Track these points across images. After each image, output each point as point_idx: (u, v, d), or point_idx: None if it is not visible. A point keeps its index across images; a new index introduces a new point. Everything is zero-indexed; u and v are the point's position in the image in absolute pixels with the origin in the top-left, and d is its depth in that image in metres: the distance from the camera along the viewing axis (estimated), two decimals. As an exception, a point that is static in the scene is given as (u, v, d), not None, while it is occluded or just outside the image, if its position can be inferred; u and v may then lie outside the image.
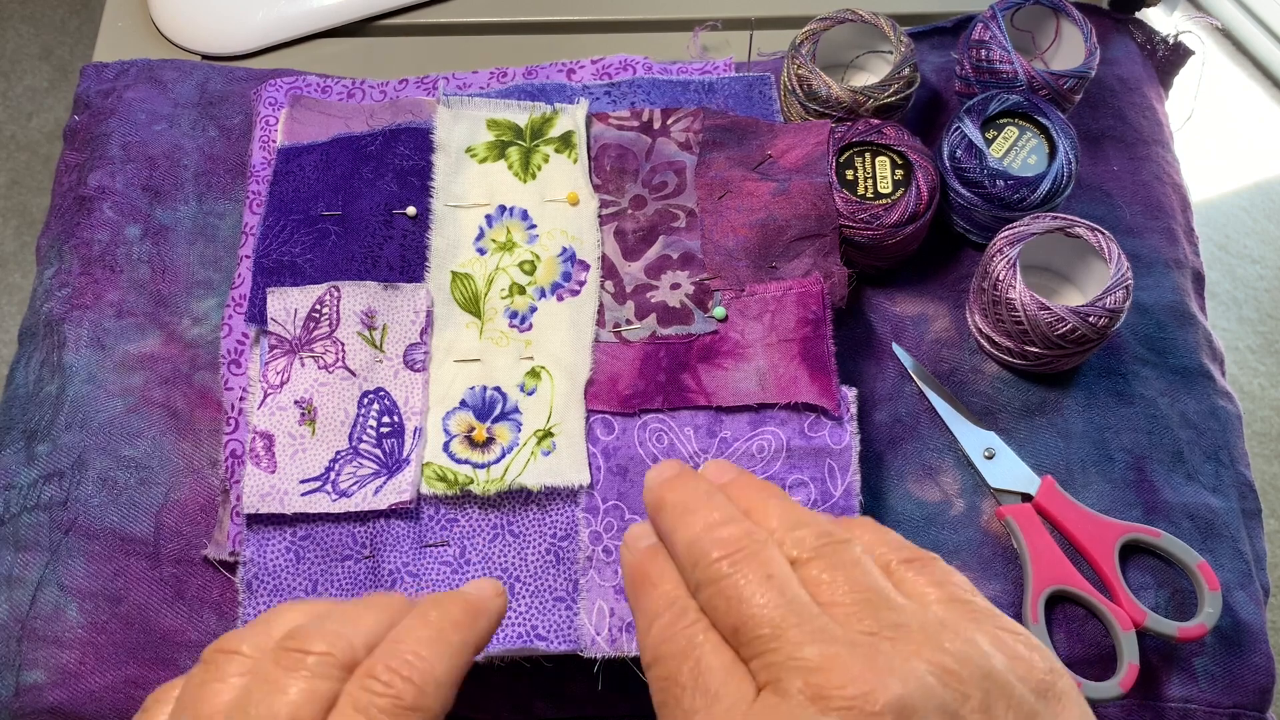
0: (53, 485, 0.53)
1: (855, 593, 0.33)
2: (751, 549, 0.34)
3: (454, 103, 0.59)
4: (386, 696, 0.32)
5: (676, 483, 0.38)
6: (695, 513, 0.36)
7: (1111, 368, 0.57)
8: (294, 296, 0.53)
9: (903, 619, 0.32)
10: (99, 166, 0.60)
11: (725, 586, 0.33)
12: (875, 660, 0.30)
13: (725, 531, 0.35)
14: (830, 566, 0.34)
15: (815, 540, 0.35)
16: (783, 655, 0.31)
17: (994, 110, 0.57)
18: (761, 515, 0.36)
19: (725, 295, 0.54)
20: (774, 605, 0.32)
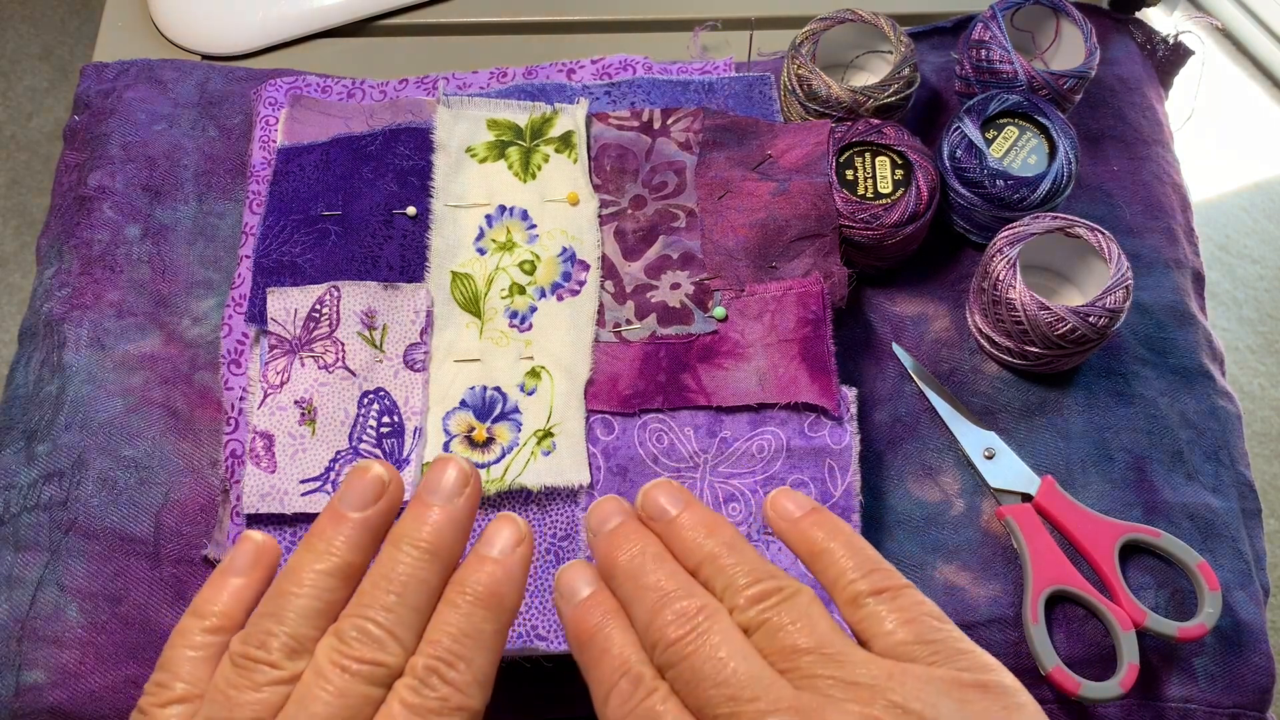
0: (53, 485, 0.53)
1: (808, 654, 0.34)
2: (704, 626, 0.34)
3: (454, 103, 0.59)
4: (434, 699, 0.32)
5: (624, 542, 0.37)
6: (649, 588, 0.35)
7: (1111, 368, 0.57)
8: (294, 296, 0.53)
9: (854, 674, 0.33)
10: (99, 166, 0.60)
11: (685, 669, 0.34)
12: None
13: (679, 606, 0.35)
14: (783, 630, 0.34)
15: (766, 601, 0.35)
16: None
17: (994, 110, 0.57)
18: (714, 568, 0.36)
19: (725, 295, 0.54)
20: (730, 683, 0.33)
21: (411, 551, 0.35)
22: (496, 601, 0.35)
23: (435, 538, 0.35)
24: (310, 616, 0.34)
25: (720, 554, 0.36)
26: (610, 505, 0.39)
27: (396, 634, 0.33)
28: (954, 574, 0.52)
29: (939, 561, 0.52)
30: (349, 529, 0.35)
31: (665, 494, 0.38)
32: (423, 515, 0.36)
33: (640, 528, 0.38)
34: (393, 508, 0.37)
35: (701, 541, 0.37)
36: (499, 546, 0.36)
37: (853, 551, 0.37)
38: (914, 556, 0.52)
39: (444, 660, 0.33)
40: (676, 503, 0.38)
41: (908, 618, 0.35)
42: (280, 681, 0.33)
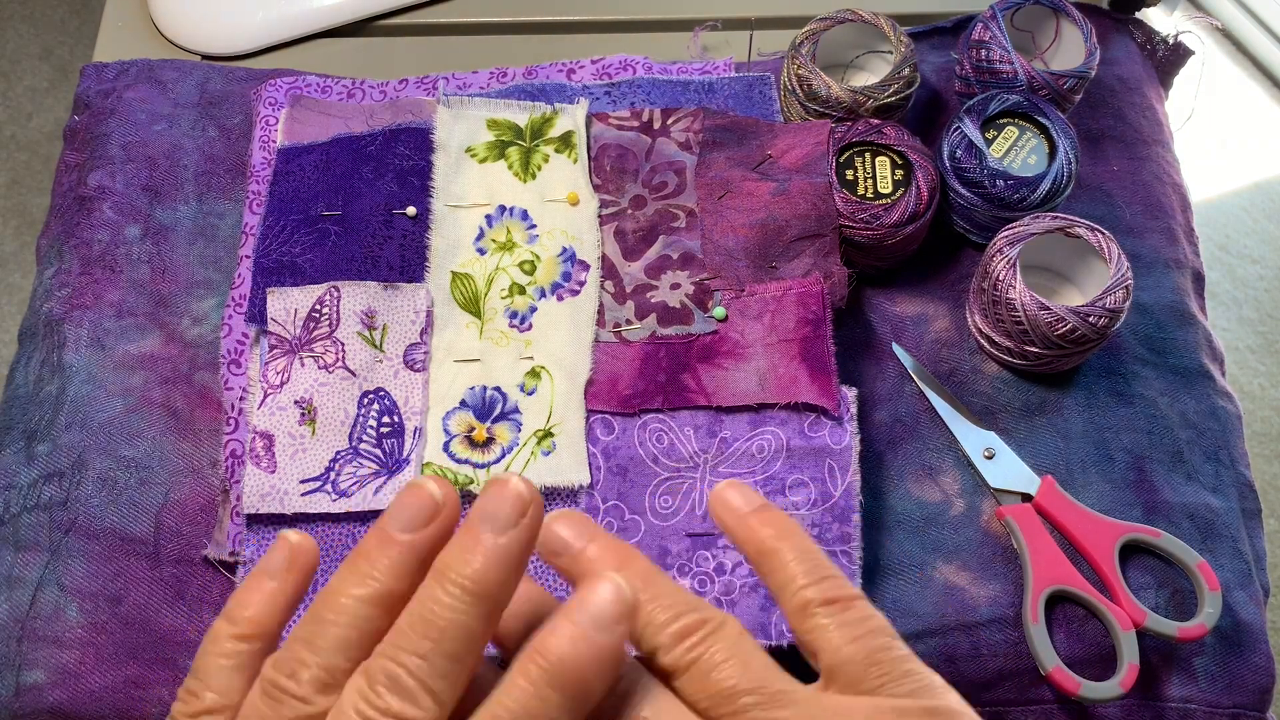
0: (53, 485, 0.53)
1: (746, 695, 0.31)
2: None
3: (454, 103, 0.59)
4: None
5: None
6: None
7: (1111, 368, 0.57)
8: (294, 296, 0.53)
9: (795, 714, 0.31)
10: (99, 166, 0.60)
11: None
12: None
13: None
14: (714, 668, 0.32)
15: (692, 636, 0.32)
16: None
17: (994, 110, 0.57)
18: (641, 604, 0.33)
19: (725, 295, 0.54)
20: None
21: (454, 592, 0.30)
22: (579, 687, 0.29)
23: (482, 577, 0.30)
24: (345, 648, 0.31)
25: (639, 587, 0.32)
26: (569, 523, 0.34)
27: (430, 686, 0.30)
28: (954, 574, 0.52)
29: (939, 561, 0.52)
30: (395, 553, 0.32)
31: (568, 526, 0.34)
32: (471, 548, 0.30)
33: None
34: (446, 532, 0.32)
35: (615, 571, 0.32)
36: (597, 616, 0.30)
37: (803, 555, 0.34)
38: (914, 556, 0.52)
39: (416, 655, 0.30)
40: (581, 536, 0.34)
41: (856, 634, 0.33)
42: (308, 717, 0.31)
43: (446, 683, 0.30)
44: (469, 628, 0.30)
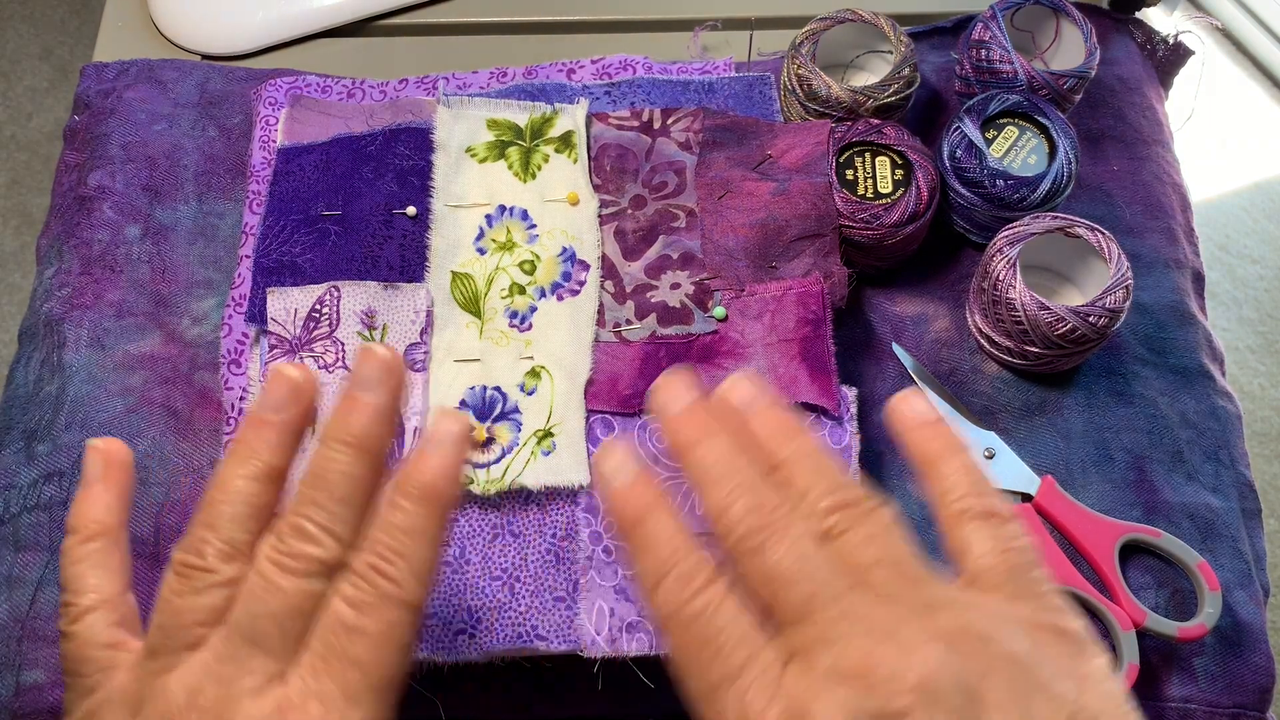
0: (53, 485, 0.53)
1: (885, 567, 0.33)
2: (780, 525, 0.34)
3: (454, 103, 0.59)
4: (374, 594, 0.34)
5: (700, 425, 0.36)
6: (723, 477, 0.35)
7: (1111, 368, 0.57)
8: (294, 296, 0.53)
9: (929, 596, 0.33)
10: (99, 166, 0.60)
11: (757, 564, 0.33)
12: (900, 639, 0.31)
13: (754, 500, 0.34)
14: (863, 540, 0.34)
15: (847, 510, 0.34)
16: (814, 632, 0.32)
17: (994, 110, 0.57)
18: (792, 469, 0.36)
19: (725, 295, 0.54)
20: (805, 583, 0.33)
21: (340, 449, 0.36)
22: (435, 498, 0.36)
23: (363, 433, 0.36)
24: (241, 521, 0.36)
25: (803, 458, 0.36)
26: (679, 382, 0.38)
27: (331, 529, 0.35)
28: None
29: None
30: (269, 433, 0.37)
31: (752, 386, 0.38)
32: (349, 411, 0.36)
33: (710, 417, 0.37)
34: (309, 406, 0.38)
35: (783, 442, 0.36)
36: (440, 446, 0.37)
37: (966, 470, 0.37)
38: (914, 556, 0.52)
39: (384, 558, 0.35)
40: (762, 397, 0.38)
41: (1003, 548, 0.35)
42: (219, 585, 0.35)
43: (344, 525, 0.35)
44: (357, 476, 0.36)
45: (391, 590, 0.34)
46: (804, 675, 0.32)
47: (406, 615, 0.35)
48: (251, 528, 0.36)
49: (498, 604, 0.48)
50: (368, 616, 0.34)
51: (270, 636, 0.34)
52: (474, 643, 0.47)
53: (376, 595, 0.34)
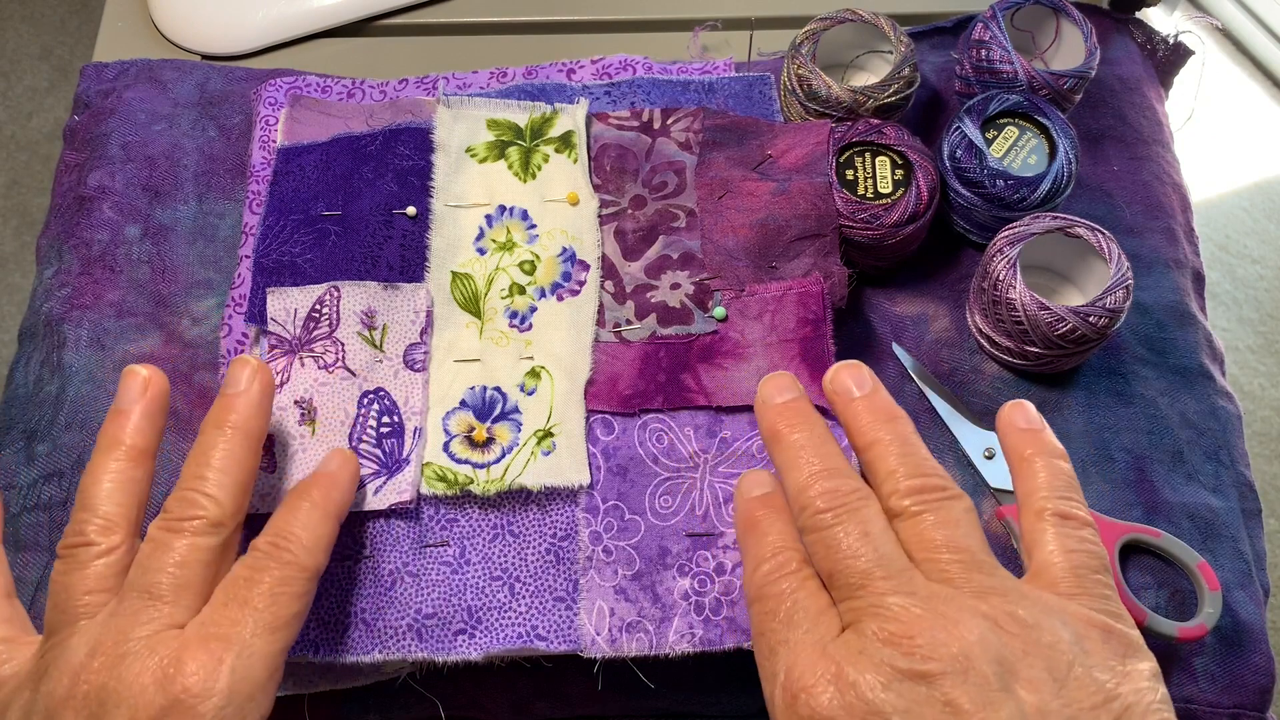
0: (53, 485, 0.53)
1: (950, 552, 0.36)
2: (854, 505, 0.37)
3: (454, 103, 0.59)
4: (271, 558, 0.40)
5: (795, 419, 0.41)
6: (806, 461, 0.39)
7: (1111, 368, 0.57)
8: (294, 296, 0.53)
9: (989, 581, 0.36)
10: (99, 166, 0.60)
11: (825, 536, 0.37)
12: (946, 614, 0.34)
13: (832, 484, 0.38)
14: (933, 524, 0.37)
15: (925, 494, 0.38)
16: (866, 602, 0.35)
17: (994, 110, 0.57)
18: (881, 451, 0.39)
19: (725, 295, 0.54)
20: (866, 558, 0.36)
21: (222, 432, 0.42)
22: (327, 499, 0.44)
23: (240, 418, 0.43)
24: (114, 496, 0.41)
25: (891, 442, 0.39)
26: (785, 379, 0.43)
27: (213, 495, 0.41)
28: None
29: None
30: (127, 420, 0.42)
31: (852, 376, 0.42)
32: (227, 404, 0.43)
33: (811, 409, 0.42)
34: (160, 393, 0.43)
35: (877, 427, 0.40)
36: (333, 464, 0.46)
37: (1054, 474, 0.40)
38: (914, 556, 0.52)
39: (281, 536, 0.41)
40: (862, 385, 0.42)
41: (1072, 548, 0.37)
42: (103, 554, 0.40)
43: (224, 491, 0.41)
44: (236, 454, 0.42)
45: (287, 556, 0.40)
46: (850, 640, 0.35)
47: (300, 574, 0.40)
48: (124, 501, 0.41)
49: (498, 604, 0.48)
50: (264, 573, 0.40)
51: (163, 586, 0.38)
52: (474, 643, 0.47)
53: (273, 560, 0.40)
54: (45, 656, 0.38)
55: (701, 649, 0.47)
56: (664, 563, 0.48)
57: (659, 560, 0.48)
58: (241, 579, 0.40)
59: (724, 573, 0.48)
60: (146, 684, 0.36)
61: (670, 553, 0.49)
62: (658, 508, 0.50)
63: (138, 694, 0.36)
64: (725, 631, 0.47)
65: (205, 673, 0.36)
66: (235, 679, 0.37)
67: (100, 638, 0.37)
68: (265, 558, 0.40)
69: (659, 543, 0.49)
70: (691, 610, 0.48)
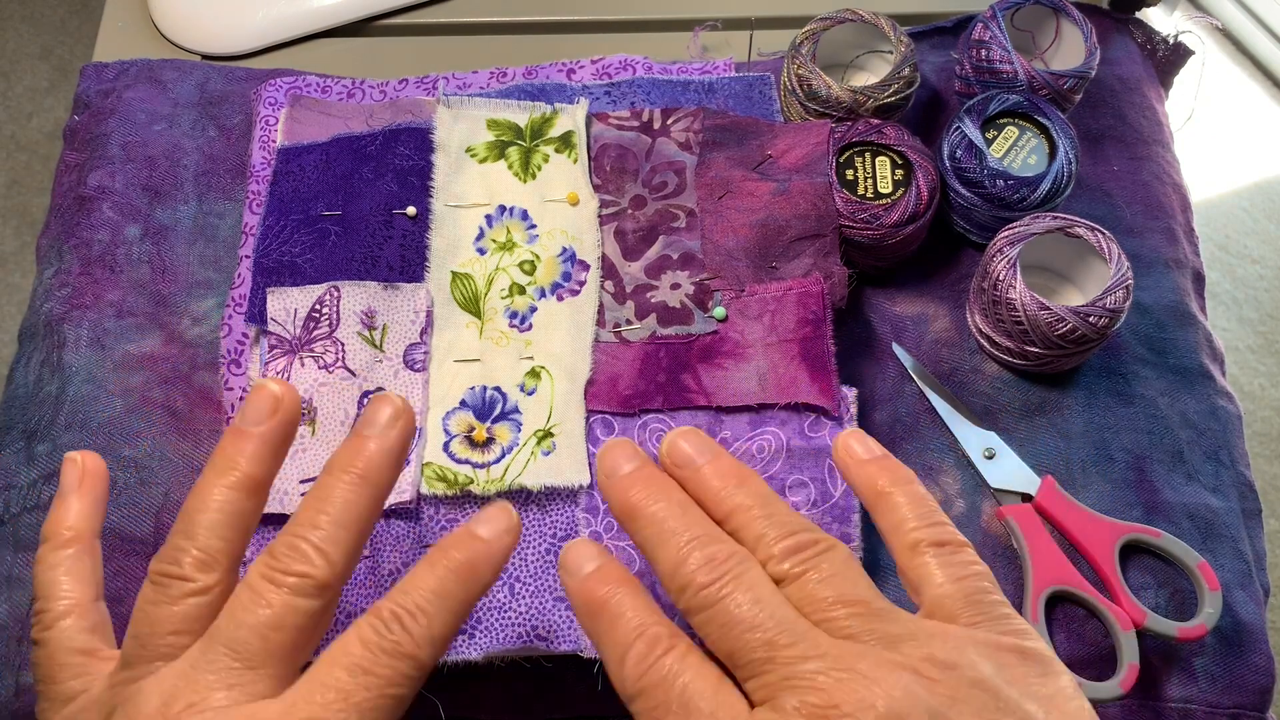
0: (52, 485, 0.53)
1: (845, 606, 0.34)
2: (737, 571, 0.34)
3: (454, 103, 0.59)
4: (389, 640, 0.34)
5: (648, 488, 0.37)
6: (674, 532, 0.35)
7: (1111, 368, 0.57)
8: (294, 296, 0.53)
9: (894, 629, 0.33)
10: (99, 166, 0.60)
11: (716, 613, 0.34)
12: (865, 673, 0.31)
13: (708, 551, 0.35)
14: (818, 581, 0.34)
15: (801, 554, 0.35)
16: (778, 675, 0.32)
17: (994, 110, 0.57)
18: (743, 518, 0.36)
19: (725, 295, 0.54)
20: (765, 628, 0.33)
21: (344, 478, 0.37)
22: (473, 574, 0.36)
23: (368, 466, 0.37)
24: (218, 529, 0.36)
25: (752, 505, 0.36)
26: (624, 450, 0.38)
27: (324, 550, 0.35)
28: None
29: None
30: (250, 444, 0.38)
31: (691, 443, 0.38)
32: (358, 447, 0.37)
33: (659, 473, 0.38)
34: (290, 420, 0.39)
35: (731, 492, 0.37)
36: (491, 528, 0.37)
37: (915, 501, 0.37)
38: (914, 556, 0.52)
39: (409, 611, 0.34)
40: (704, 452, 0.38)
41: (959, 575, 0.35)
42: (195, 593, 0.35)
43: (338, 549, 0.35)
44: (357, 505, 0.36)
45: (407, 645, 0.34)
46: (773, 718, 0.32)
47: (413, 672, 0.34)
48: (228, 536, 0.36)
49: (498, 604, 0.48)
50: (378, 660, 0.34)
51: (252, 647, 0.34)
52: (474, 643, 0.47)
53: (392, 643, 0.34)
54: (117, 691, 0.35)
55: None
56: (664, 563, 0.48)
57: (659, 560, 0.48)
58: (351, 662, 0.34)
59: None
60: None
61: (670, 553, 0.49)
62: (658, 508, 0.50)
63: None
64: (725, 631, 0.47)
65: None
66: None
67: (176, 691, 0.34)
68: (384, 637, 0.34)
69: (659, 543, 0.49)
70: (691, 610, 0.48)
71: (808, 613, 0.34)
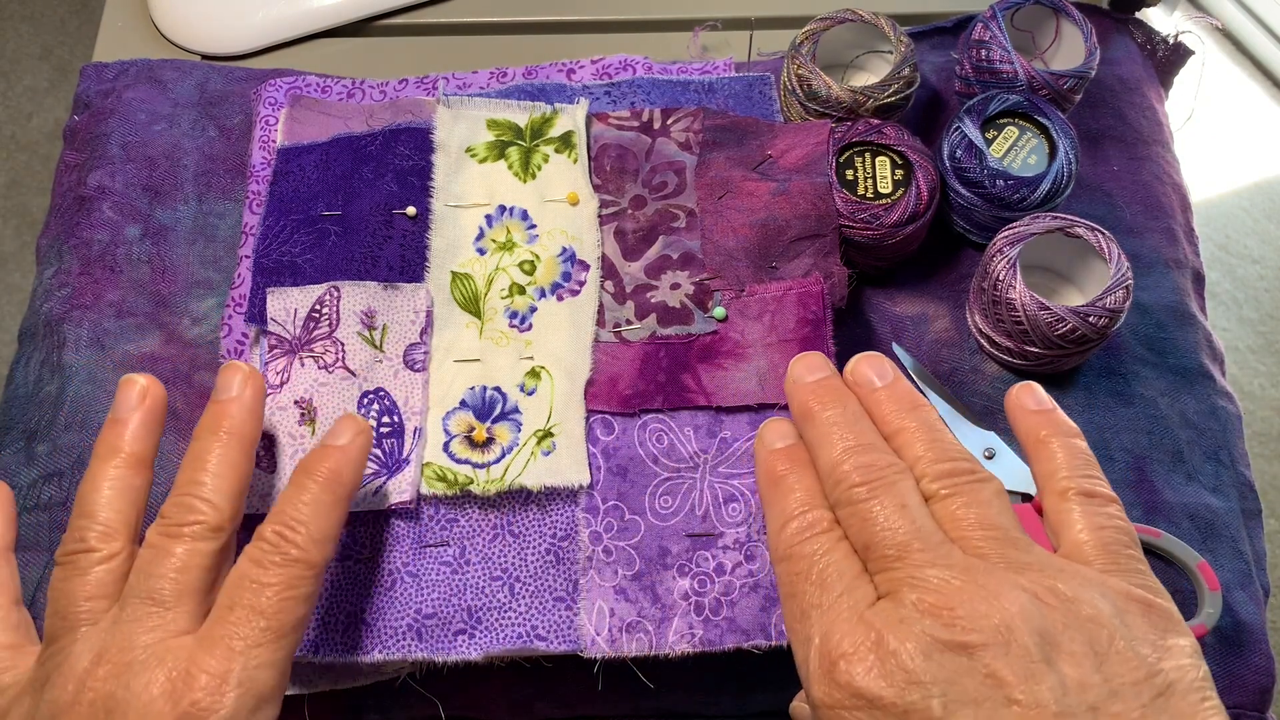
0: (53, 485, 0.53)
1: (983, 529, 0.36)
2: (889, 479, 0.37)
3: (454, 103, 0.59)
4: (277, 552, 0.39)
5: (826, 395, 0.41)
6: (839, 437, 0.39)
7: (1111, 368, 0.57)
8: (294, 296, 0.53)
9: (1025, 557, 0.35)
10: (99, 166, 0.60)
11: (861, 509, 0.37)
12: (986, 586, 0.34)
13: (867, 458, 0.38)
14: (964, 504, 0.37)
15: (954, 478, 0.37)
16: (904, 573, 0.35)
17: (994, 110, 0.57)
18: (907, 438, 0.39)
19: (725, 295, 0.54)
20: (903, 531, 0.36)
21: (217, 436, 0.42)
22: (338, 479, 0.42)
23: (233, 424, 0.43)
24: (112, 503, 0.41)
25: (917, 429, 0.39)
26: (817, 359, 0.42)
27: (210, 500, 0.40)
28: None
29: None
30: (125, 428, 0.42)
31: (873, 366, 0.41)
32: (219, 409, 0.43)
33: (843, 386, 0.41)
34: (158, 402, 0.44)
35: (902, 415, 0.40)
36: (345, 437, 0.44)
37: (1072, 452, 0.40)
38: (914, 556, 0.52)
39: (287, 525, 0.40)
40: (884, 375, 0.41)
41: (1100, 524, 0.37)
42: (104, 560, 0.40)
43: (221, 495, 0.41)
44: (228, 457, 0.42)
45: (294, 551, 0.39)
46: (888, 609, 0.34)
47: (306, 572, 0.40)
48: (122, 508, 0.41)
49: (498, 604, 0.48)
50: (271, 572, 0.39)
51: (165, 593, 0.38)
52: (474, 643, 0.47)
53: (280, 555, 0.39)
54: (47, 664, 0.38)
55: (701, 649, 0.47)
56: (664, 563, 0.48)
57: (659, 560, 0.49)
58: (247, 581, 0.39)
59: (724, 573, 0.48)
60: (155, 695, 0.36)
61: (670, 553, 0.49)
62: (658, 508, 0.50)
63: (146, 704, 0.36)
64: (725, 631, 0.47)
65: (213, 685, 0.36)
66: (243, 691, 0.37)
67: (105, 645, 0.37)
68: (272, 551, 0.39)
69: (659, 543, 0.49)
70: (691, 610, 0.48)
71: (947, 529, 0.36)
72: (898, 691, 0.32)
